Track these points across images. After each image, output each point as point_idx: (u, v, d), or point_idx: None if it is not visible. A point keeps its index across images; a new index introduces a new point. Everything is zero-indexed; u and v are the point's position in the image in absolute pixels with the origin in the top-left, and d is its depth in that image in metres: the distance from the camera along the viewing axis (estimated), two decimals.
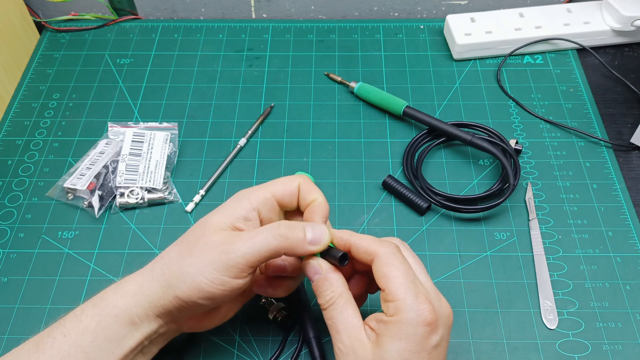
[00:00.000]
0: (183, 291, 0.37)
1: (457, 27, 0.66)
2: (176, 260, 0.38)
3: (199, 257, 0.37)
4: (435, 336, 0.35)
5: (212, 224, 0.39)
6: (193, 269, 0.37)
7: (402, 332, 0.34)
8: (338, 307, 0.37)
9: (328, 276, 0.38)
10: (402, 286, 0.35)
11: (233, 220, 0.39)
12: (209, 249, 0.37)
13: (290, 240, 0.37)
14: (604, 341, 0.46)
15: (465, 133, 0.56)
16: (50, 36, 0.71)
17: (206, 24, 0.72)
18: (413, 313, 0.34)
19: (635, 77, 0.65)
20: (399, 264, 0.36)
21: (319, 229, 0.38)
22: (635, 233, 0.52)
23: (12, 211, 0.55)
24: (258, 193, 0.40)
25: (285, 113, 0.62)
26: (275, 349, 0.45)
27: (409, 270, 0.36)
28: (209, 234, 0.38)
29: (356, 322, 0.36)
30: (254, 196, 0.40)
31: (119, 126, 0.59)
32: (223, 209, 0.40)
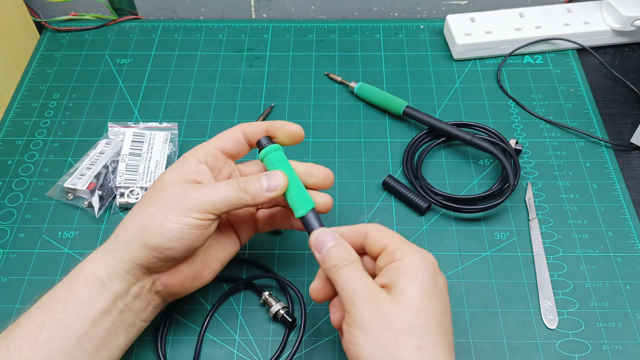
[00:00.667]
0: (150, 238, 0.38)
1: (457, 27, 0.66)
2: (138, 215, 0.40)
3: (161, 205, 0.39)
4: (440, 278, 0.37)
5: (167, 181, 0.41)
6: (157, 217, 0.38)
7: (417, 268, 0.36)
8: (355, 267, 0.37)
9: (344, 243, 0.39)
10: (401, 239, 0.39)
11: (186, 174, 0.41)
12: (170, 198, 0.39)
13: (250, 192, 0.40)
14: (604, 341, 0.46)
15: (465, 133, 0.56)
16: (50, 36, 0.71)
17: (206, 24, 0.72)
18: (419, 253, 0.37)
19: (635, 77, 0.65)
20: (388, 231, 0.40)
21: (274, 176, 0.41)
22: (635, 233, 0.52)
23: (12, 211, 0.55)
24: (201, 148, 0.43)
25: (285, 113, 0.62)
26: (275, 349, 0.45)
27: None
28: (167, 188, 0.40)
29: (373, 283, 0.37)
30: (197, 151, 0.42)
31: (119, 126, 0.59)
32: (173, 168, 0.42)
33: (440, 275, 0.38)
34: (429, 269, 0.36)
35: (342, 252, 0.38)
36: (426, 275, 0.36)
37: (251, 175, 0.41)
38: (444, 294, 0.37)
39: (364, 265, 0.38)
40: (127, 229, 0.40)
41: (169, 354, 0.45)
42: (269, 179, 0.41)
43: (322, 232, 0.40)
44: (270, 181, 0.41)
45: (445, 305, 0.36)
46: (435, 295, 0.36)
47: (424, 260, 0.37)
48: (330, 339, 0.46)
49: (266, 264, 0.50)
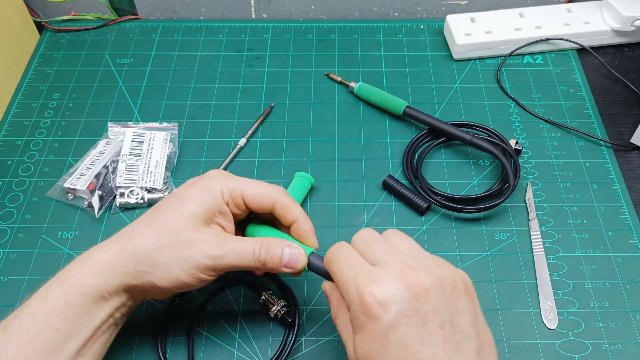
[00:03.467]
0: (160, 279, 0.38)
1: (457, 27, 0.66)
2: (153, 248, 0.39)
3: (180, 252, 0.38)
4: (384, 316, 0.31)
5: (192, 217, 0.39)
6: (174, 263, 0.38)
7: (354, 325, 0.33)
8: (339, 321, 0.38)
9: (329, 294, 0.40)
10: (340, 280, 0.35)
11: (210, 214, 0.40)
12: (191, 247, 0.39)
13: (269, 264, 0.40)
14: (604, 341, 0.46)
15: (465, 133, 0.56)
16: (50, 36, 0.71)
17: (206, 24, 0.72)
18: (353, 303, 0.33)
19: (635, 77, 0.65)
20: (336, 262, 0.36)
21: (296, 254, 0.40)
22: (635, 233, 0.52)
23: (12, 211, 0.55)
24: (229, 186, 0.41)
25: (285, 113, 0.62)
26: (275, 349, 0.45)
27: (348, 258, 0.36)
28: (190, 229, 0.39)
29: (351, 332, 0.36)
30: (225, 189, 0.41)
31: (119, 126, 0.59)
32: (198, 199, 0.40)
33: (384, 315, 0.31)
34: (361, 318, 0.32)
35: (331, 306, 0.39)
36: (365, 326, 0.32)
37: (272, 244, 0.40)
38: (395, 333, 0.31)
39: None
40: (138, 255, 0.38)
41: (168, 354, 0.45)
42: (290, 257, 0.40)
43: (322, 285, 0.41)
44: (291, 261, 0.40)
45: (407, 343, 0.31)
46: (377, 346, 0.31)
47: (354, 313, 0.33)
48: (330, 339, 0.46)
49: None
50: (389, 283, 0.32)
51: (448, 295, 0.32)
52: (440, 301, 0.32)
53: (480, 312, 0.34)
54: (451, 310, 0.32)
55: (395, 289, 0.31)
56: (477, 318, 0.33)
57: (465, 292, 0.33)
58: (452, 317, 0.32)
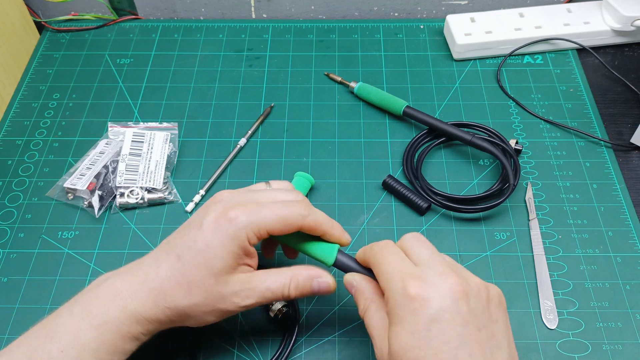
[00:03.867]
0: (192, 324, 0.40)
1: (457, 27, 0.66)
2: (187, 306, 0.38)
3: (213, 306, 0.39)
4: (426, 310, 0.32)
5: (220, 272, 0.38)
6: (208, 316, 0.39)
7: (394, 317, 0.34)
8: (370, 313, 0.38)
9: (360, 286, 0.39)
10: (385, 275, 0.36)
11: (238, 261, 0.39)
12: (223, 301, 0.39)
13: (300, 291, 0.40)
14: (604, 341, 0.46)
15: (465, 133, 0.56)
16: (50, 36, 0.71)
17: (206, 24, 0.72)
18: (396, 293, 0.34)
19: (635, 77, 0.65)
20: (383, 258, 0.37)
21: (325, 285, 0.40)
22: (635, 233, 0.52)
23: (12, 211, 0.55)
24: (254, 229, 0.38)
25: (285, 113, 0.62)
26: (275, 349, 0.45)
27: (395, 257, 0.37)
28: (220, 284, 0.38)
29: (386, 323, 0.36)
30: (251, 233, 0.38)
31: (119, 126, 0.59)
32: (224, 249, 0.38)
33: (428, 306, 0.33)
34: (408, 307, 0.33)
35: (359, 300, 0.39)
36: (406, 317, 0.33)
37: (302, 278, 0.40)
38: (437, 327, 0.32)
39: None
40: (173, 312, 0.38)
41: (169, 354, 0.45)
42: (320, 288, 0.40)
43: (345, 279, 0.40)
44: (322, 290, 0.40)
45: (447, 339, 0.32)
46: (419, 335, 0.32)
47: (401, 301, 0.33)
48: (330, 339, 0.46)
49: (266, 264, 0.50)
50: (433, 280, 0.34)
51: (484, 303, 0.34)
52: (478, 307, 0.33)
53: (510, 328, 0.36)
54: (487, 318, 0.34)
55: (439, 286, 0.33)
56: (508, 330, 0.35)
57: (499, 304, 0.35)
58: (488, 324, 0.33)
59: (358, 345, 0.46)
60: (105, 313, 0.38)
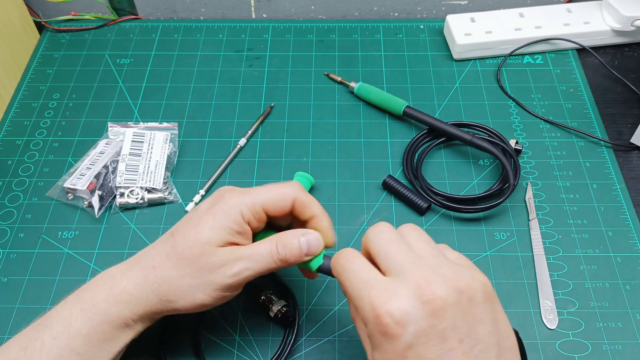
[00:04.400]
0: (183, 306, 0.39)
1: (457, 27, 0.66)
2: (175, 278, 0.39)
3: (201, 278, 0.38)
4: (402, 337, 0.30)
5: (208, 242, 0.38)
6: (196, 290, 0.38)
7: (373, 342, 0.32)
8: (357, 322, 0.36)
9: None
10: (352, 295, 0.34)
11: (228, 236, 0.39)
12: (211, 271, 0.38)
13: (291, 258, 0.39)
14: (604, 341, 0.46)
15: (465, 133, 0.56)
16: (50, 36, 0.71)
17: (206, 24, 0.72)
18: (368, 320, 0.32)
19: (635, 77, 0.65)
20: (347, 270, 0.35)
21: (314, 240, 0.40)
22: (635, 233, 0.52)
23: (12, 211, 0.55)
24: (249, 206, 0.39)
25: (285, 113, 0.62)
26: (276, 349, 0.45)
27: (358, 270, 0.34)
28: (208, 254, 0.38)
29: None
30: (245, 209, 0.39)
31: (119, 126, 0.59)
32: (215, 223, 0.39)
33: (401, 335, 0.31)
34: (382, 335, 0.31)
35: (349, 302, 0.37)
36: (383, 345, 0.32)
37: (288, 238, 0.39)
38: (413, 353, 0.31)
39: None
40: (160, 285, 0.39)
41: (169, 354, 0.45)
42: (308, 242, 0.39)
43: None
44: (311, 247, 0.40)
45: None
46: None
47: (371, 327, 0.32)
48: (330, 339, 0.46)
49: None
50: (405, 300, 0.31)
51: (466, 309, 0.31)
52: (458, 316, 0.31)
53: (502, 315, 0.33)
54: (469, 323, 0.31)
55: (413, 308, 0.31)
56: (497, 324, 0.32)
57: (484, 301, 0.32)
58: (471, 330, 0.31)
59: (358, 345, 0.46)
60: (94, 296, 0.39)
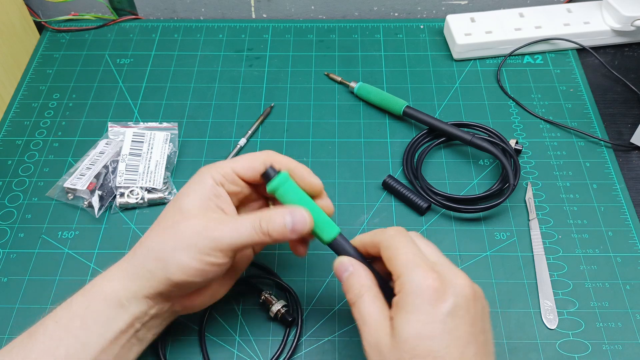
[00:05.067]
0: (172, 274, 0.38)
1: (457, 27, 0.66)
2: (159, 245, 0.39)
3: (182, 240, 0.38)
4: (444, 304, 0.34)
5: (187, 208, 0.40)
6: (180, 254, 0.38)
7: (409, 305, 0.34)
8: (365, 300, 0.37)
9: (357, 271, 0.38)
10: (403, 262, 0.36)
11: (204, 200, 0.40)
12: (191, 233, 0.38)
13: (273, 235, 0.38)
14: (604, 341, 0.46)
15: (465, 133, 0.56)
16: (50, 36, 0.71)
17: (206, 24, 0.72)
18: (415, 283, 0.35)
19: (635, 77, 0.65)
20: (400, 244, 0.37)
21: (298, 216, 0.39)
22: (635, 233, 0.52)
23: (12, 211, 0.55)
24: (219, 170, 0.41)
25: (285, 113, 0.62)
26: (275, 349, 0.45)
27: (412, 246, 0.37)
28: (187, 219, 0.39)
29: (383, 315, 0.36)
30: (215, 173, 0.41)
31: (119, 126, 0.59)
32: (190, 190, 0.41)
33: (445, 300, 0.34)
34: (426, 297, 0.34)
35: (354, 285, 0.38)
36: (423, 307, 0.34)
37: (273, 213, 0.39)
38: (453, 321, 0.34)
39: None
40: (147, 255, 0.39)
41: (168, 354, 0.45)
42: (293, 219, 0.39)
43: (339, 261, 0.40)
44: (296, 223, 0.39)
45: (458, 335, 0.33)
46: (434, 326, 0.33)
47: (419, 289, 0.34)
48: (330, 339, 0.46)
49: (266, 264, 0.50)
50: (449, 277, 0.35)
51: (485, 309, 0.36)
52: (480, 311, 0.35)
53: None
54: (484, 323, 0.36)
55: (456, 284, 0.35)
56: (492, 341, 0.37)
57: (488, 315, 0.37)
58: (485, 329, 0.36)
59: (358, 345, 0.46)
60: (94, 281, 0.40)
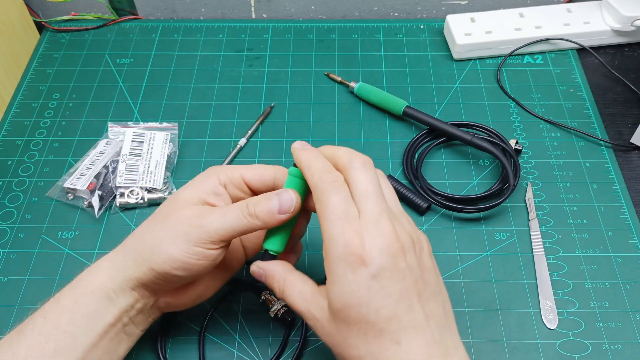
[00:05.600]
0: (157, 263, 0.38)
1: (457, 27, 0.66)
2: (148, 234, 0.39)
3: (170, 229, 0.38)
4: (366, 268, 0.33)
5: (183, 199, 0.40)
6: (165, 241, 0.38)
7: (334, 275, 0.34)
8: (288, 291, 0.38)
9: (269, 272, 0.39)
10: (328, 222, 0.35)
11: (202, 194, 0.40)
12: (180, 221, 0.38)
13: (261, 217, 0.38)
14: (604, 341, 0.46)
15: (465, 133, 0.56)
16: (50, 36, 0.71)
17: (206, 24, 0.72)
18: (336, 250, 0.34)
19: (635, 77, 0.65)
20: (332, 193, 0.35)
21: (286, 196, 0.38)
22: (635, 233, 0.52)
23: (12, 211, 0.55)
24: (227, 171, 0.41)
25: (285, 113, 0.62)
26: (275, 349, 0.45)
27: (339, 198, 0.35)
28: (180, 208, 0.39)
29: (308, 293, 0.37)
30: (222, 174, 0.41)
31: (119, 126, 0.59)
32: (192, 184, 0.41)
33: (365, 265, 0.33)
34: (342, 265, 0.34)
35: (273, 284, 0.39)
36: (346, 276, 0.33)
37: (260, 196, 0.38)
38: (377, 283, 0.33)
39: None
40: (135, 245, 0.39)
41: (169, 354, 0.45)
42: (280, 199, 0.38)
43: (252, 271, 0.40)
44: (283, 202, 0.38)
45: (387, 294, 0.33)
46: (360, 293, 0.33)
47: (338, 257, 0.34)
48: None
49: None
50: (372, 236, 0.34)
51: (419, 255, 0.35)
52: (414, 260, 0.35)
53: (439, 272, 0.37)
54: (422, 268, 0.35)
55: (379, 244, 0.33)
56: (439, 276, 0.37)
57: (429, 253, 0.37)
58: (423, 274, 0.35)
59: None
60: (81, 274, 0.40)
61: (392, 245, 0.34)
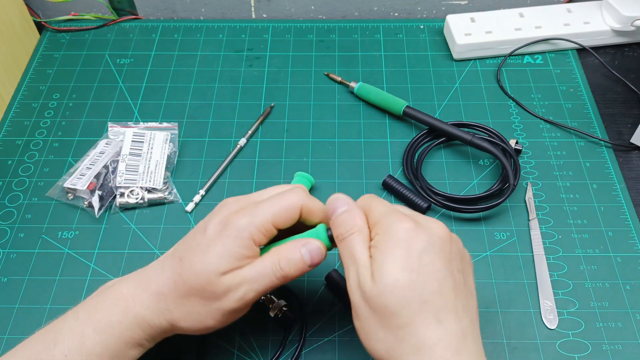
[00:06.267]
0: (192, 330, 0.39)
1: (457, 27, 0.66)
2: (184, 307, 0.38)
3: (208, 306, 0.38)
4: (419, 241, 0.35)
5: (215, 271, 0.37)
6: (204, 317, 0.38)
7: (387, 243, 0.35)
8: (359, 238, 0.37)
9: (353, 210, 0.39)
10: (380, 211, 0.38)
11: (236, 262, 0.38)
12: (217, 298, 0.38)
13: (294, 272, 0.38)
14: (604, 341, 0.46)
15: (465, 133, 0.56)
16: (50, 36, 0.71)
17: (206, 24, 0.72)
18: (391, 225, 0.36)
19: (635, 77, 0.65)
20: (373, 201, 0.39)
21: (315, 248, 0.39)
22: (635, 233, 0.52)
23: (12, 211, 0.55)
24: (258, 225, 0.38)
25: (285, 113, 0.62)
26: (276, 349, 0.45)
27: (385, 202, 0.39)
28: (213, 283, 0.37)
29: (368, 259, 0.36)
30: (254, 230, 0.38)
31: (119, 126, 0.59)
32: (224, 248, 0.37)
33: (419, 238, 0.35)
34: (401, 234, 0.35)
35: (346, 221, 0.38)
36: (398, 243, 0.35)
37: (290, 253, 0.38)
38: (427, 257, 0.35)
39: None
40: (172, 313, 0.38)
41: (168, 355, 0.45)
42: (311, 254, 0.38)
43: (335, 197, 0.39)
44: (314, 257, 0.39)
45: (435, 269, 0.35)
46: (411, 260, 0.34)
47: (395, 228, 0.35)
48: (330, 339, 0.46)
49: None
50: (422, 222, 0.37)
51: (461, 252, 0.38)
52: (457, 253, 0.37)
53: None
54: (462, 265, 0.37)
55: (429, 227, 0.36)
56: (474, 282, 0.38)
57: (469, 263, 0.39)
58: (462, 270, 0.37)
59: (358, 345, 0.46)
60: (108, 318, 0.38)
61: (442, 230, 0.36)
